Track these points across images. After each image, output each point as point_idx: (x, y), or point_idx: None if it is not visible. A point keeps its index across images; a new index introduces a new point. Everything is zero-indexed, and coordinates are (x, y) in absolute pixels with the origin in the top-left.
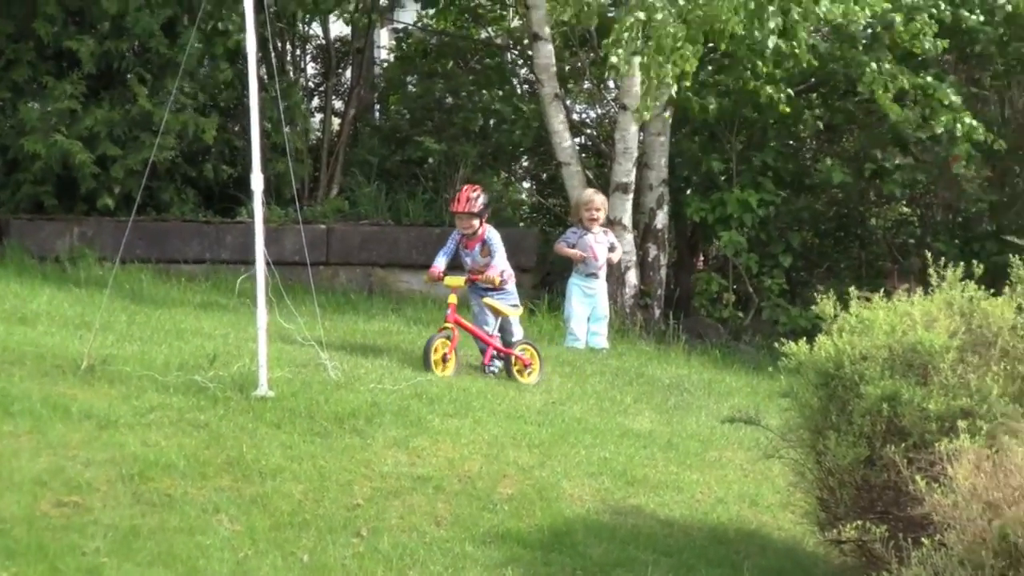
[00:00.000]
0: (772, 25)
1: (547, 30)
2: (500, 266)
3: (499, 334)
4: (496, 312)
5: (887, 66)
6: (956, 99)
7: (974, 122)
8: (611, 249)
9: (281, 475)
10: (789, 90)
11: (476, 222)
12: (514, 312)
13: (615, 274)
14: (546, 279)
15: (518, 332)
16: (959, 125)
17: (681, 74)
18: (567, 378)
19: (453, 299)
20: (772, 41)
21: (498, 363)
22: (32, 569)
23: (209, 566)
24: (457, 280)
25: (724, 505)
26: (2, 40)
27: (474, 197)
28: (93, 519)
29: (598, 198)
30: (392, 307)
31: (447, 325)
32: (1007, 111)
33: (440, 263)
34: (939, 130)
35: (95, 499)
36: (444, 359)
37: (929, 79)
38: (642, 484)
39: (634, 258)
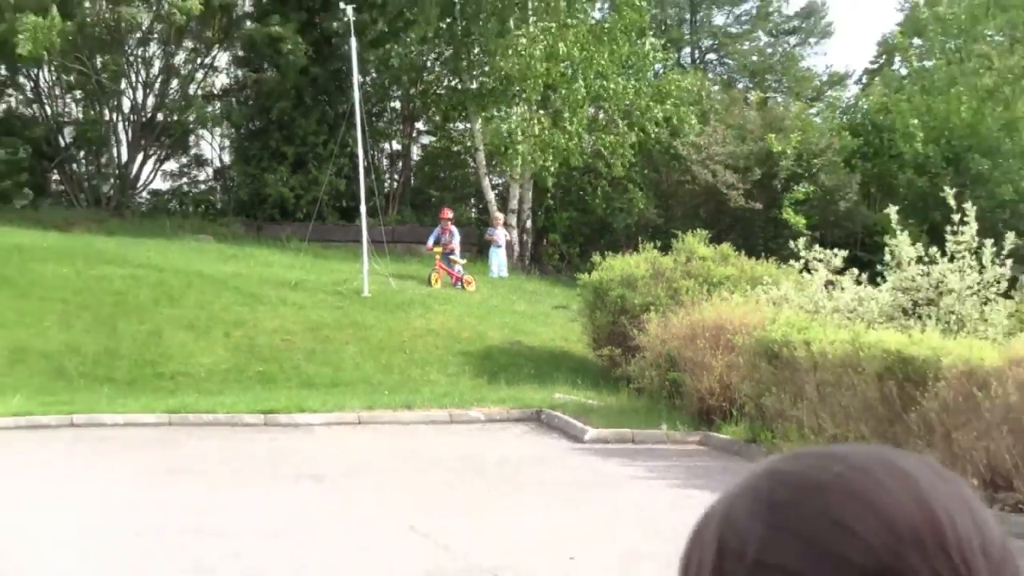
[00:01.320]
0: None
1: (482, 151)
2: (456, 243)
3: (459, 271)
4: (454, 263)
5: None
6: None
7: None
8: (506, 236)
9: (374, 328)
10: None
11: (448, 223)
12: (461, 262)
13: (510, 246)
14: (482, 248)
15: (460, 271)
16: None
17: (540, 167)
18: (489, 289)
19: (438, 257)
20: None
21: (460, 284)
22: (270, 366)
23: (345, 364)
24: (438, 249)
25: (555, 341)
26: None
27: (449, 213)
28: (297, 345)
29: (499, 215)
30: (416, 260)
31: (435, 267)
32: None
33: (430, 242)
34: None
35: (297, 337)
36: (434, 281)
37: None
38: (522, 332)
39: (516, 239)
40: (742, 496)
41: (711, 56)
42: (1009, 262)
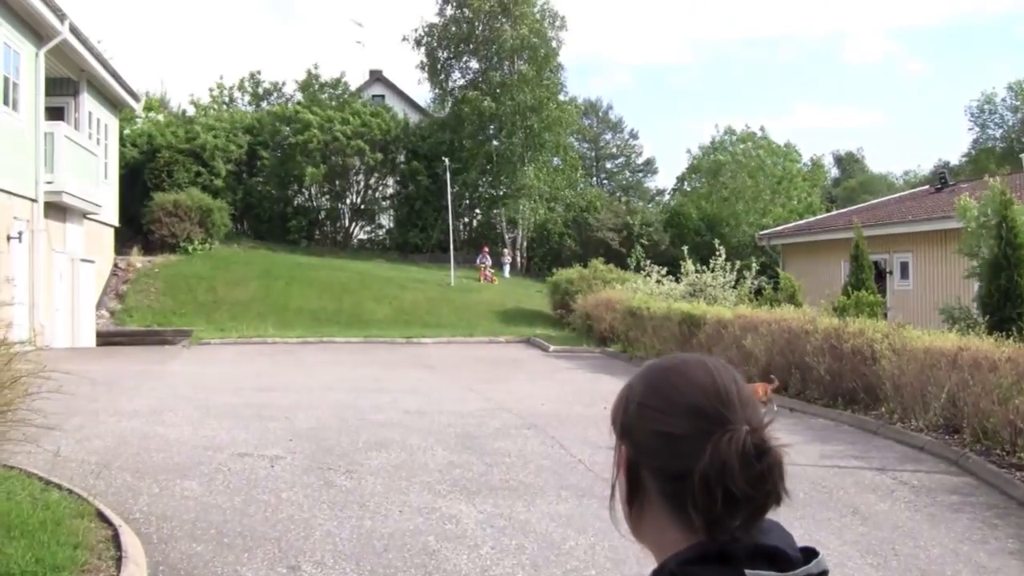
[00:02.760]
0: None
1: (504, 221)
2: (488, 262)
3: (490, 275)
4: (488, 271)
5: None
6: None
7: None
8: (509, 259)
9: (456, 300)
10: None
11: (485, 253)
12: (491, 271)
13: (513, 263)
14: (503, 265)
15: (490, 275)
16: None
17: (533, 228)
18: (505, 285)
19: (481, 268)
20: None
21: (491, 281)
22: (410, 317)
23: (443, 316)
24: (480, 265)
25: (537, 307)
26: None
27: (486, 249)
28: (422, 308)
29: (507, 250)
30: (473, 269)
31: (481, 273)
32: None
33: (477, 260)
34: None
35: (422, 304)
36: (480, 279)
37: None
38: (522, 302)
39: (520, 261)
40: (637, 375)
41: (605, 180)
42: (735, 274)
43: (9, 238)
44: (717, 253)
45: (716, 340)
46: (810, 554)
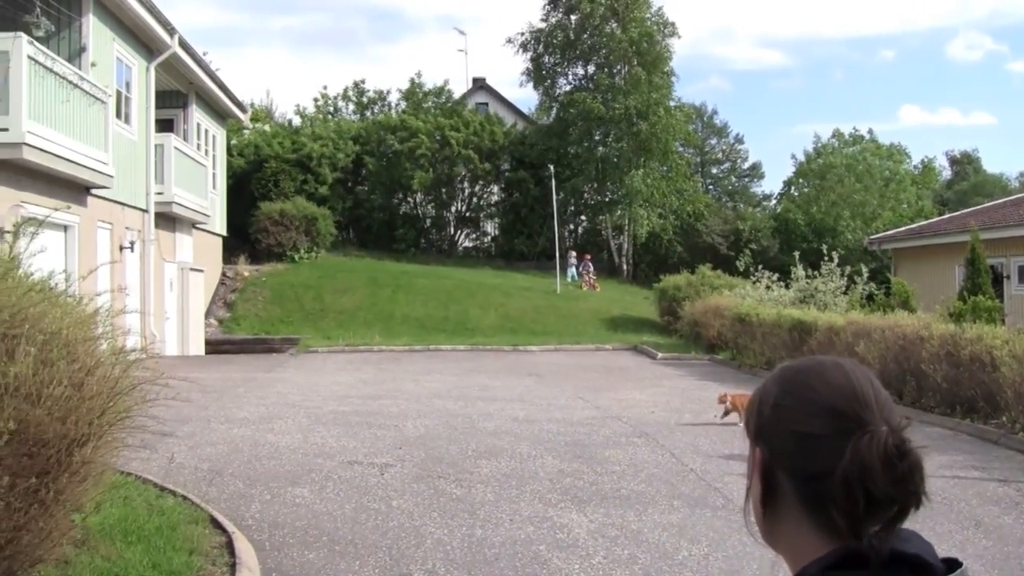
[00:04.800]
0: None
1: (609, 228)
2: (591, 269)
3: (592, 281)
4: (590, 278)
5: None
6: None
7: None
8: (575, 262)
9: (562, 307)
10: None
11: (588, 260)
12: (593, 278)
13: (618, 267)
14: (611, 272)
15: (592, 281)
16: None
17: (642, 233)
18: (611, 291)
19: (584, 275)
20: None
21: (593, 288)
22: (515, 324)
23: (549, 323)
24: (584, 272)
25: (644, 314)
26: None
27: (588, 256)
28: (528, 315)
29: (573, 252)
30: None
31: (584, 280)
32: None
33: (580, 268)
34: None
35: (528, 311)
36: (583, 286)
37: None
38: (629, 310)
39: (626, 268)
40: (770, 378)
41: (711, 186)
42: (845, 280)
43: (121, 248)
44: (827, 258)
45: (827, 347)
46: (952, 564)
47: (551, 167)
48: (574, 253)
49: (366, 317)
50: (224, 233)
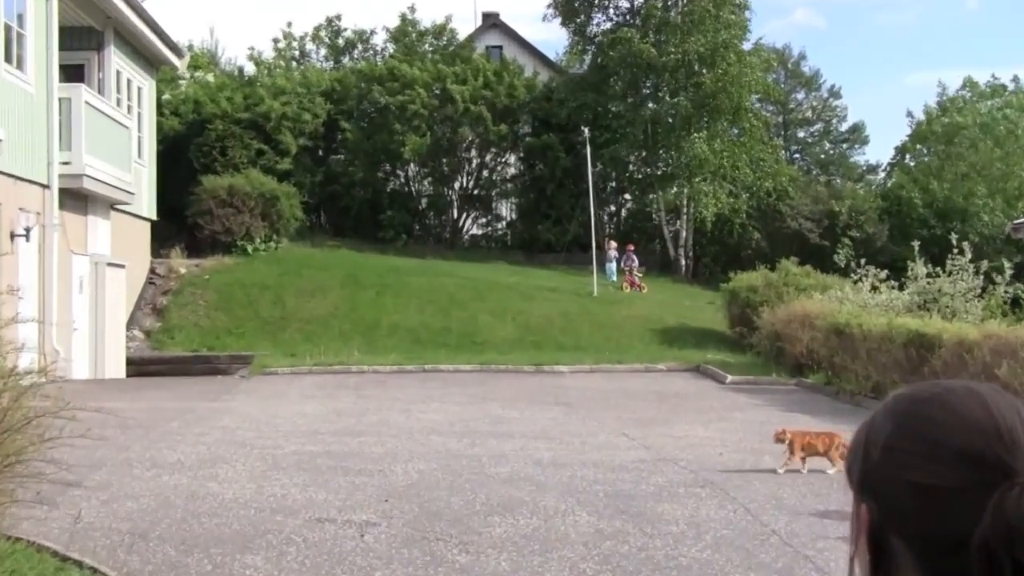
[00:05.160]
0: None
1: (663, 211)
2: (635, 264)
3: (637, 280)
4: (633, 276)
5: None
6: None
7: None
8: (615, 256)
9: (599, 314)
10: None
11: (631, 252)
12: (639, 275)
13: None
14: (663, 267)
15: (638, 280)
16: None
17: (705, 216)
18: (664, 293)
19: (626, 272)
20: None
21: (637, 289)
22: (538, 337)
23: (582, 336)
24: (625, 268)
25: (707, 323)
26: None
27: (631, 247)
28: (555, 325)
29: (612, 243)
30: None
31: (624, 279)
32: None
33: (624, 262)
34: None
35: (555, 320)
36: (624, 287)
37: None
38: (687, 318)
39: (683, 263)
40: (880, 410)
41: (796, 155)
42: (981, 278)
43: (13, 236)
44: (956, 250)
45: (957, 368)
46: None
47: (585, 130)
48: (614, 243)
49: (342, 328)
50: (153, 216)
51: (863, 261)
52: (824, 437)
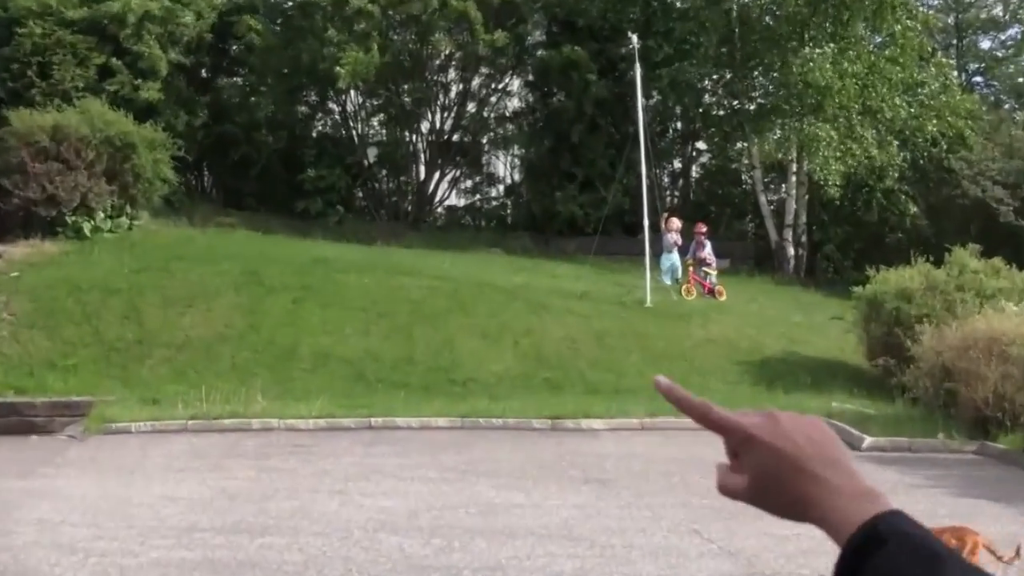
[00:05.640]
0: None
1: (759, 168)
2: (709, 254)
3: (711, 282)
4: (707, 274)
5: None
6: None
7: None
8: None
9: (655, 337)
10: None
11: (702, 236)
12: (714, 273)
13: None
14: (759, 261)
15: (713, 281)
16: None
17: (827, 179)
18: (766, 299)
19: (692, 268)
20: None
21: (711, 294)
22: (556, 373)
23: (628, 371)
24: (691, 261)
25: (830, 351)
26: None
27: (703, 228)
28: (582, 353)
29: (675, 221)
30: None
31: (688, 279)
32: None
33: (688, 257)
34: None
35: (582, 345)
36: (686, 292)
37: None
38: (798, 342)
39: (792, 252)
40: None
41: (977, 79)
42: None
43: None
44: None
45: None
46: None
47: (633, 37)
48: (678, 223)
49: (237, 358)
50: None
51: None
52: (949, 533)
